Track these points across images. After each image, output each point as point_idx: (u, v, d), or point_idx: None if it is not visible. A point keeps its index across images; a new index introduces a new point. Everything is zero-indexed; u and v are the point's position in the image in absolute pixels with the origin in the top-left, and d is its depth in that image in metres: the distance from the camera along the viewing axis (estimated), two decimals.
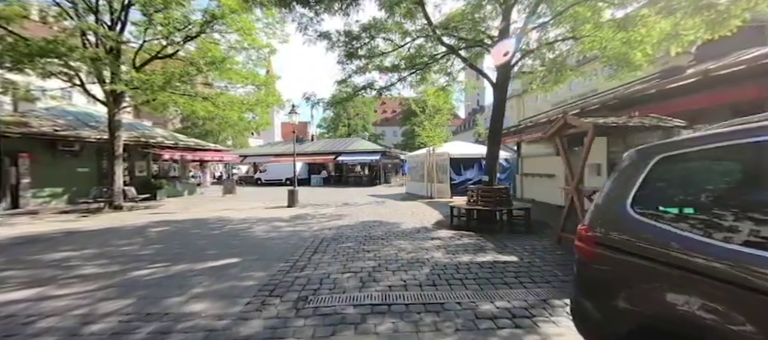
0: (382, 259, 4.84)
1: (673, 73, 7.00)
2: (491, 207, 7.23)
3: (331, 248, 5.58)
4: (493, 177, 7.90)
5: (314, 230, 7.33)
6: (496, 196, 7.42)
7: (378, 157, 25.92)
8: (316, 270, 4.37)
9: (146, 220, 8.93)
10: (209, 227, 7.79)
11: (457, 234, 6.52)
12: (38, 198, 11.99)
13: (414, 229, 7.30)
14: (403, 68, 9.28)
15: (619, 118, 4.53)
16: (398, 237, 6.41)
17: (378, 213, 9.81)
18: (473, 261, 4.64)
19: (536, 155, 12.32)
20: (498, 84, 7.79)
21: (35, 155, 11.74)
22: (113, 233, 7.10)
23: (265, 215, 9.70)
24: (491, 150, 7.88)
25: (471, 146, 18.06)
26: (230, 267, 4.57)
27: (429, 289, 3.64)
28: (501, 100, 7.85)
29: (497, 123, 7.88)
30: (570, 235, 5.17)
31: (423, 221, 8.41)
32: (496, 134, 7.90)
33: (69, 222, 8.60)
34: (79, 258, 5.08)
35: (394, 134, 59.58)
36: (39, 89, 11.62)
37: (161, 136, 16.47)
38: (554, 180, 10.85)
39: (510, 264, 4.49)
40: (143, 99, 11.93)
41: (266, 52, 11.65)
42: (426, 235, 6.54)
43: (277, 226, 7.82)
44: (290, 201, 11.74)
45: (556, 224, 7.29)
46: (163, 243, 6.08)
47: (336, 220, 8.71)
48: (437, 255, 4.97)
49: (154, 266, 4.62)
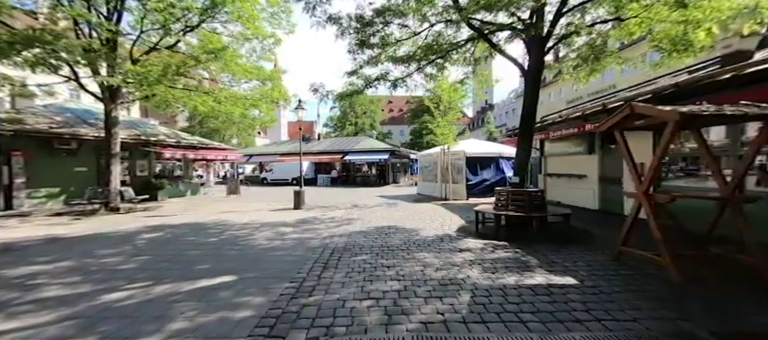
0: (407, 279, 3.97)
1: (738, 59, 5.97)
2: (525, 212, 6.31)
3: (343, 262, 4.73)
4: (525, 178, 6.97)
5: (323, 237, 6.50)
6: (530, 200, 6.50)
7: (387, 156, 25.05)
8: (327, 294, 3.53)
9: (140, 224, 8.22)
10: (207, 233, 7.02)
11: (488, 245, 5.62)
12: (33, 198, 11.43)
13: (436, 237, 6.41)
14: (419, 58, 8.38)
15: (709, 106, 3.57)
16: (420, 247, 5.54)
17: (392, 217, 8.94)
18: (521, 284, 3.74)
19: (561, 154, 11.31)
20: (531, 71, 6.85)
21: (30, 154, 11.17)
22: (99, 241, 6.37)
23: (269, 218, 8.92)
24: (523, 147, 6.95)
25: (488, 144, 17.06)
26: (222, 289, 3.75)
27: (478, 328, 2.76)
28: (534, 90, 6.91)
29: (529, 116, 6.94)
30: (635, 251, 4.23)
31: (443, 226, 7.52)
32: (528, 129, 6.97)
33: (57, 226, 7.92)
34: (48, 274, 4.32)
35: (401, 133, 58.68)
36: (38, 85, 11.05)
37: (163, 134, 15.86)
38: (584, 182, 9.84)
39: (570, 289, 3.57)
40: (141, 95, 11.25)
41: (271, 43, 10.86)
42: (452, 245, 5.65)
43: (282, 232, 7.01)
44: (296, 203, 10.95)
45: (598, 232, 6.36)
46: (151, 254, 5.30)
47: (346, 225, 7.87)
48: (474, 275, 4.08)
49: (133, 287, 3.82)
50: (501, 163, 14.59)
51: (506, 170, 14.60)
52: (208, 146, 17.73)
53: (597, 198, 9.48)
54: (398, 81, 8.33)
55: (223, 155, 18.30)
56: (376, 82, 8.40)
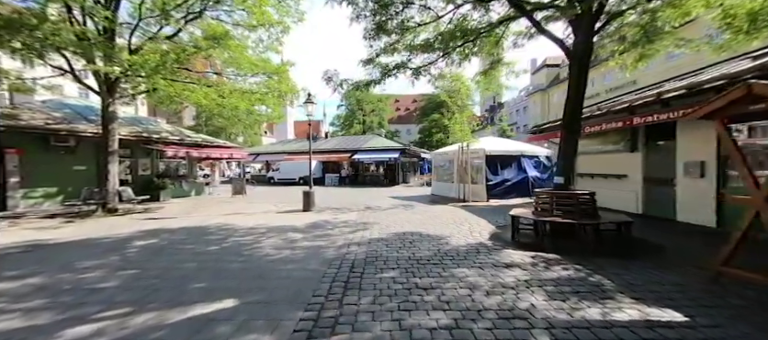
0: (454, 308, 3.09)
1: None
2: (575, 219, 5.37)
3: (368, 280, 3.87)
4: (571, 179, 6.03)
5: (338, 245, 5.65)
6: (578, 204, 5.56)
7: (398, 155, 24.13)
8: (355, 333, 2.67)
9: (136, 228, 7.47)
10: (208, 240, 6.23)
11: (538, 259, 4.70)
12: (29, 198, 10.82)
13: (470, 246, 5.52)
14: (441, 45, 7.46)
15: None
16: (455, 261, 4.65)
17: (412, 221, 8.06)
18: (610, 319, 2.82)
19: (596, 152, 10.30)
20: (578, 54, 5.89)
21: (25, 151, 10.56)
22: (85, 248, 5.61)
23: (276, 222, 8.11)
24: (568, 143, 5.99)
25: (509, 142, 16.04)
26: (218, 322, 2.92)
27: None
28: (581, 76, 5.95)
29: (577, 107, 5.98)
30: (743, 273, 3.28)
31: (473, 233, 6.61)
32: (575, 122, 6.00)
33: (45, 231, 7.21)
34: (10, 296, 3.54)
35: (408, 132, 57.72)
36: (33, 80, 10.45)
37: (166, 131, 15.21)
38: (624, 182, 8.84)
39: (682, 330, 2.64)
40: (142, 89, 10.57)
41: (279, 32, 10.04)
42: (494, 258, 4.75)
43: (292, 240, 6.18)
44: (306, 204, 10.14)
45: (659, 242, 5.34)
46: (139, 267, 4.51)
47: (362, 230, 7.02)
48: (539, 303, 3.18)
49: (106, 316, 3.02)
50: (523, 161, 13.60)
51: (529, 170, 13.62)
52: (212, 144, 17.05)
53: (640, 201, 8.47)
54: (421, 69, 7.42)
55: (229, 154, 17.61)
56: (395, 71, 7.50)
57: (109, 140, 9.93)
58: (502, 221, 7.85)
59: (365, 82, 7.65)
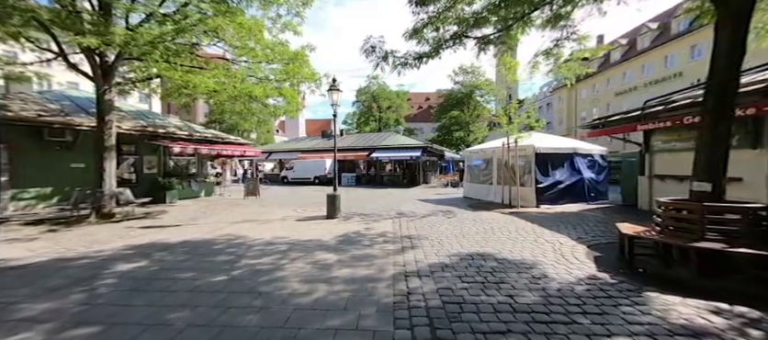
0: None
1: None
2: (746, 245, 3.57)
3: None
4: (720, 184, 4.20)
5: (390, 276, 4.01)
6: (750, 222, 3.75)
7: (420, 154, 22.39)
8: None
9: (126, 242, 6.01)
10: (212, 263, 4.69)
11: (720, 311, 2.94)
12: (20, 200, 9.60)
13: (582, 282, 3.78)
14: (497, 19, 5.73)
15: None
16: (585, 314, 2.93)
17: (468, 235, 6.34)
18: None
19: (680, 150, 8.38)
20: (736, 4, 4.07)
21: (15, 147, 9.34)
22: (46, 277, 4.13)
23: (298, 234, 6.53)
24: (718, 132, 4.16)
25: (558, 139, 14.07)
26: None
27: None
28: (735, 36, 4.11)
29: (728, 80, 4.15)
30: None
31: (563, 255, 4.87)
32: (727, 101, 4.17)
33: (16, 244, 5.82)
34: None
35: (421, 131, 55.88)
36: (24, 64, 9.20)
37: (174, 126, 13.91)
38: (733, 188, 6.84)
39: None
40: (142, 76, 9.20)
41: (300, 4, 8.45)
42: (642, 309, 3.00)
43: (324, 265, 4.57)
44: (330, 211, 8.55)
45: None
46: (105, 319, 2.97)
47: (410, 249, 5.35)
48: None
49: None
50: (576, 161, 11.68)
51: (583, 170, 11.70)
52: (224, 140, 15.72)
53: None
54: (485, 39, 5.69)
55: (241, 151, 16.26)
56: (452, 42, 5.78)
57: (105, 133, 8.58)
58: (585, 236, 6.08)
59: (415, 55, 5.96)
